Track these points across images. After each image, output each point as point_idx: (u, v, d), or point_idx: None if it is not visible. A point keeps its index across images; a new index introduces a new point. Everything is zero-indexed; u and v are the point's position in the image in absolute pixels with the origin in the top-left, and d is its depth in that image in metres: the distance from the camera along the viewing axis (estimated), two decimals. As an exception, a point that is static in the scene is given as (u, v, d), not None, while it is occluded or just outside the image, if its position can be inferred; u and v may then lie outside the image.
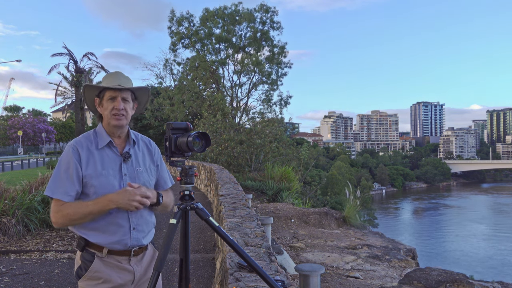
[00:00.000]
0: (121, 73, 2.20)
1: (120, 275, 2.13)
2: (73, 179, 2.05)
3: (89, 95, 2.21)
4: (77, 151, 2.10)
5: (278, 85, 33.98)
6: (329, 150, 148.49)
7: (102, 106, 2.16)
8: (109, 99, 2.13)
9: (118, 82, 2.14)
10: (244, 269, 2.85)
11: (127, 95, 2.16)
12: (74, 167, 2.06)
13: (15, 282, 5.12)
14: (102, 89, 2.15)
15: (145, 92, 2.29)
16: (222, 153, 20.71)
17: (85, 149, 2.12)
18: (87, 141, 2.15)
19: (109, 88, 2.12)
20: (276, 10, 33.89)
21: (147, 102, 2.36)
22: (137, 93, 2.24)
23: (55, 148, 69.22)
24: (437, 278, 6.02)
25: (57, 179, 2.06)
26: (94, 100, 2.20)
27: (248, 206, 5.66)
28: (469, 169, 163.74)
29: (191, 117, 34.02)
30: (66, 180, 2.04)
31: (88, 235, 2.09)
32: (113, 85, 2.12)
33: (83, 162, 2.08)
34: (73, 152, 2.09)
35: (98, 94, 2.17)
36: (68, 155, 2.09)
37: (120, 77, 2.17)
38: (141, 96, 2.28)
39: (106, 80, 2.17)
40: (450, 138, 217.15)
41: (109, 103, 2.13)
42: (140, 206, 2.02)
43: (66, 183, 2.04)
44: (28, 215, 7.35)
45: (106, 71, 39.19)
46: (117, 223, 2.10)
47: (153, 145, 2.36)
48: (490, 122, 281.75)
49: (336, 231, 10.80)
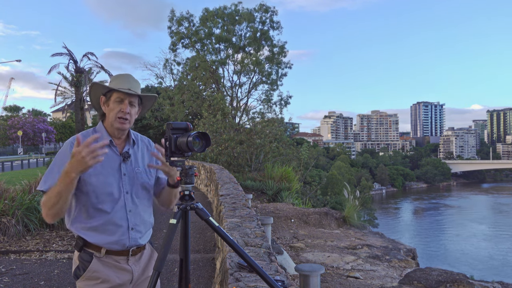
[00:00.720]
0: (131, 76, 2.19)
1: (118, 275, 2.12)
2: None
3: (96, 91, 2.19)
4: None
5: (278, 85, 34.03)
6: (329, 150, 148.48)
7: (108, 106, 2.14)
8: (116, 101, 2.11)
9: (129, 85, 2.12)
10: (244, 269, 2.85)
11: (134, 99, 2.16)
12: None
13: (15, 282, 5.11)
14: (110, 89, 2.13)
15: (152, 99, 2.29)
16: (222, 153, 20.71)
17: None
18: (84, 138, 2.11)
19: (118, 90, 2.11)
20: (275, 10, 33.96)
21: (150, 107, 2.36)
22: (143, 99, 2.24)
23: (55, 148, 69.26)
24: (437, 278, 6.02)
25: (50, 174, 2.04)
26: (100, 98, 2.17)
27: (248, 206, 5.65)
28: (469, 169, 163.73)
29: (191, 117, 34.03)
30: (57, 176, 1.99)
31: (86, 235, 2.07)
32: (123, 88, 2.11)
33: None
34: (70, 149, 2.04)
35: (105, 93, 2.15)
36: (64, 152, 2.06)
37: (130, 81, 2.15)
38: (147, 103, 2.28)
39: (116, 81, 2.14)
40: (450, 138, 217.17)
41: (116, 104, 2.11)
42: (95, 158, 1.85)
43: (56, 177, 1.98)
44: (28, 215, 7.35)
45: (106, 71, 39.20)
46: (116, 223, 2.09)
47: (152, 145, 2.35)
48: (490, 122, 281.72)
49: (336, 231, 10.79)
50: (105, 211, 2.08)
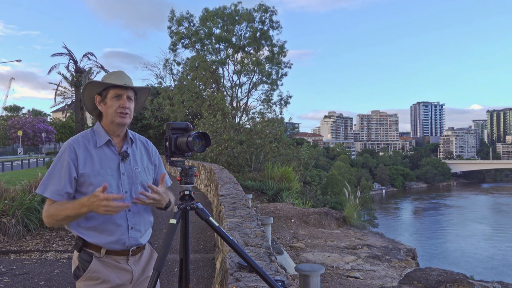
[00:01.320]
0: (124, 73, 2.19)
1: (118, 275, 2.11)
2: (64, 179, 2.02)
3: (90, 92, 2.17)
4: (73, 150, 2.07)
5: (278, 85, 33.97)
6: (329, 150, 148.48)
7: (105, 104, 2.13)
8: (114, 97, 2.11)
9: (123, 81, 2.13)
10: (244, 269, 2.85)
11: (131, 94, 2.16)
12: (67, 167, 2.03)
13: (15, 282, 5.11)
14: (106, 87, 2.12)
15: (146, 92, 2.29)
16: (222, 153, 20.71)
17: (82, 148, 2.09)
18: (84, 139, 2.13)
19: (115, 86, 2.11)
20: (275, 10, 33.92)
21: (144, 102, 2.36)
22: (138, 93, 2.24)
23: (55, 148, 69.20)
24: (437, 278, 6.01)
25: (50, 177, 2.04)
26: (95, 98, 2.16)
27: (248, 206, 5.65)
28: (469, 169, 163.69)
29: (191, 117, 34.02)
30: (58, 179, 2.02)
31: (85, 235, 2.07)
32: (119, 83, 2.11)
33: (80, 161, 2.06)
34: (68, 151, 2.06)
35: (100, 92, 2.14)
36: (63, 155, 2.07)
37: (123, 77, 2.16)
38: (141, 96, 2.29)
39: (109, 78, 2.14)
40: (450, 138, 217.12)
41: (114, 101, 2.11)
42: (110, 210, 1.91)
43: (57, 182, 2.02)
44: (28, 215, 7.35)
45: (106, 71, 39.20)
46: (115, 222, 2.09)
47: (150, 145, 2.35)
48: (490, 122, 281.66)
49: (336, 231, 10.79)
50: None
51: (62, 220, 2.00)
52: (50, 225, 2.08)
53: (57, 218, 2.00)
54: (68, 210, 1.97)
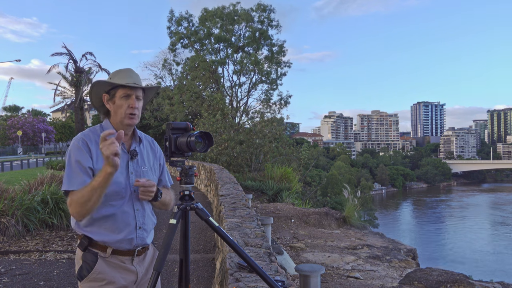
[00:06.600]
0: (132, 70, 2.15)
1: (123, 276, 2.09)
2: (86, 170, 1.98)
3: (98, 90, 2.13)
4: (86, 144, 2.04)
5: (277, 85, 33.97)
6: (329, 150, 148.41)
7: (114, 103, 2.09)
8: (123, 97, 2.07)
9: (132, 80, 2.09)
10: (244, 269, 2.84)
11: (140, 93, 2.13)
12: (85, 159, 2.00)
13: (15, 282, 5.10)
14: (114, 86, 2.08)
15: (154, 91, 2.27)
16: (222, 153, 20.71)
17: (94, 143, 2.05)
18: (94, 135, 2.09)
19: (124, 86, 2.07)
20: (272, 8, 33.94)
21: (151, 99, 2.35)
22: (146, 92, 2.21)
23: (54, 148, 69.24)
24: (437, 278, 6.01)
25: (72, 173, 1.98)
26: (102, 96, 2.12)
27: (248, 206, 5.64)
28: (470, 169, 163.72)
29: (191, 117, 34.03)
30: (80, 172, 1.97)
31: (93, 234, 2.03)
32: (129, 82, 2.07)
33: (93, 156, 2.03)
34: (82, 145, 2.02)
35: (108, 91, 2.11)
36: (77, 148, 2.02)
37: (132, 75, 2.11)
38: (148, 95, 2.26)
39: (118, 76, 2.09)
40: (451, 138, 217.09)
41: (123, 100, 2.07)
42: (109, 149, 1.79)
43: (81, 175, 1.97)
44: (27, 215, 7.33)
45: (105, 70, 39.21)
46: (124, 221, 2.07)
47: (155, 145, 2.35)
48: (490, 122, 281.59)
49: (336, 231, 10.78)
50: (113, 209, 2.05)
51: (88, 199, 1.88)
52: (80, 216, 1.96)
53: (83, 199, 1.89)
54: (92, 182, 1.88)
